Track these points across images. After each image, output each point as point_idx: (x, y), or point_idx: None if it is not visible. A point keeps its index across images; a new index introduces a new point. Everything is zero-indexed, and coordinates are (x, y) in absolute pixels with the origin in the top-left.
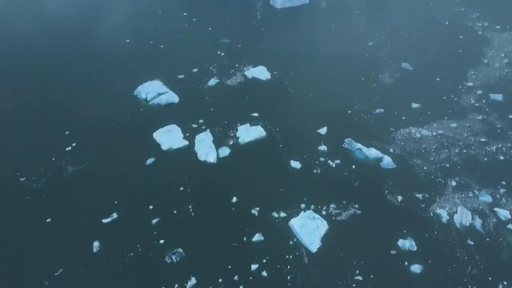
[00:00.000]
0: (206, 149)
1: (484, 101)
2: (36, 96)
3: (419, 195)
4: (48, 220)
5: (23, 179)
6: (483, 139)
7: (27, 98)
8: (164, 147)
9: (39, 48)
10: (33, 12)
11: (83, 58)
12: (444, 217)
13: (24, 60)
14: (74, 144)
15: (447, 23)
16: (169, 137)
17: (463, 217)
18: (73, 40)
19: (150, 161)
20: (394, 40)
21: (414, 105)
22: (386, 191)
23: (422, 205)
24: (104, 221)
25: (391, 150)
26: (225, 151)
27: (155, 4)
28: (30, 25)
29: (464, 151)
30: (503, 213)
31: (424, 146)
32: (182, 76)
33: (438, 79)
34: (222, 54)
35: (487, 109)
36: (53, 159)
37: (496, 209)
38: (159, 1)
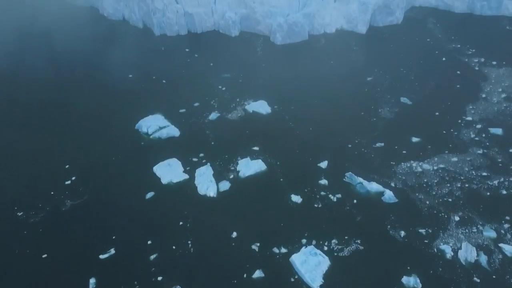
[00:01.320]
0: (206, 183)
1: (484, 135)
2: (38, 129)
3: (422, 230)
4: (44, 256)
5: (21, 213)
6: (484, 174)
7: (29, 130)
8: (164, 181)
9: (42, 81)
10: (39, 47)
11: (85, 92)
12: (449, 253)
13: (27, 93)
14: (73, 178)
15: (444, 59)
16: (169, 171)
17: (468, 253)
18: (76, 75)
19: (149, 195)
20: (393, 75)
21: (414, 139)
22: (389, 226)
23: (426, 241)
24: (101, 257)
25: (392, 184)
26: (225, 185)
27: (159, 41)
28: (35, 60)
29: (466, 185)
30: (508, 249)
31: (425, 180)
32: (183, 110)
33: (437, 113)
34: (223, 88)
35: (488, 143)
36: (52, 193)
37: (501, 245)
38: (162, 38)
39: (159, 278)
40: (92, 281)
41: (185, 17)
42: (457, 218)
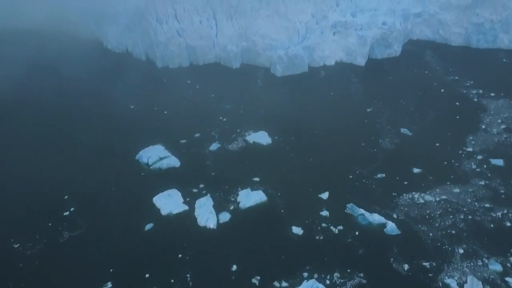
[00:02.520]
0: (206, 214)
1: (485, 166)
2: (40, 158)
3: (426, 264)
4: None
5: (17, 245)
6: (487, 205)
7: (30, 159)
8: (164, 212)
9: (45, 111)
10: (44, 77)
11: (87, 123)
12: (454, 287)
13: (31, 122)
14: (72, 209)
15: (442, 90)
16: (169, 202)
17: (474, 287)
18: (78, 106)
19: (148, 226)
20: (392, 106)
21: (415, 170)
22: (392, 259)
23: (430, 274)
24: None
25: (394, 216)
26: (225, 216)
27: (161, 73)
28: (40, 90)
29: (470, 217)
30: None
31: (428, 211)
32: (184, 140)
33: (437, 144)
34: (224, 119)
35: (489, 175)
36: (50, 224)
37: (507, 278)
38: (164, 70)
39: None
40: None
41: (187, 50)
42: (461, 251)
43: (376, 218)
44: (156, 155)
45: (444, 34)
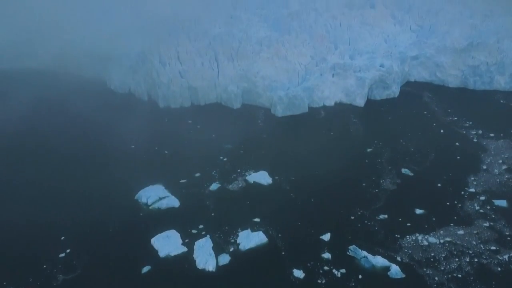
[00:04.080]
0: (205, 256)
1: (488, 207)
2: (37, 197)
3: None
4: None
5: None
6: (493, 248)
7: (28, 197)
8: (162, 254)
9: (46, 150)
10: (47, 118)
11: (87, 162)
12: None
13: (30, 160)
14: (68, 250)
15: (442, 131)
16: (168, 243)
17: None
18: (79, 145)
19: (146, 269)
20: (392, 147)
21: (418, 211)
22: None
23: None
24: None
25: (398, 259)
26: (225, 259)
27: (163, 113)
28: (42, 130)
29: (475, 260)
30: None
31: (432, 254)
32: (184, 180)
33: (439, 184)
34: (225, 159)
35: (493, 216)
36: (45, 266)
37: None
38: (166, 109)
39: None
40: None
41: (189, 90)
42: None
43: (379, 260)
44: (155, 195)
45: (441, 76)
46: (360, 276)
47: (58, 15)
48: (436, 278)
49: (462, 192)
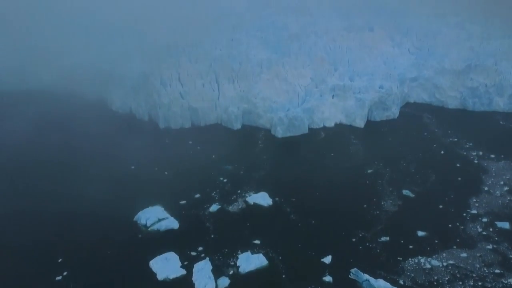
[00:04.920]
0: (205, 279)
1: (491, 229)
2: (35, 218)
3: None
4: None
5: None
6: (497, 271)
7: (25, 219)
8: (160, 277)
9: (45, 170)
10: (48, 139)
11: (85, 184)
12: None
13: (29, 181)
14: (65, 273)
15: (442, 152)
16: (166, 266)
17: None
18: (78, 166)
19: None
20: (393, 168)
21: (420, 233)
22: None
23: None
24: None
25: (401, 282)
26: (224, 282)
27: (163, 133)
28: (42, 152)
29: (480, 283)
30: None
31: (436, 277)
32: (183, 201)
33: (440, 206)
34: (225, 180)
35: (496, 238)
36: None
37: None
38: (166, 130)
39: None
40: None
41: (189, 111)
42: None
43: (382, 284)
44: (154, 216)
45: (440, 97)
46: None
47: (61, 38)
48: None
49: (464, 214)
